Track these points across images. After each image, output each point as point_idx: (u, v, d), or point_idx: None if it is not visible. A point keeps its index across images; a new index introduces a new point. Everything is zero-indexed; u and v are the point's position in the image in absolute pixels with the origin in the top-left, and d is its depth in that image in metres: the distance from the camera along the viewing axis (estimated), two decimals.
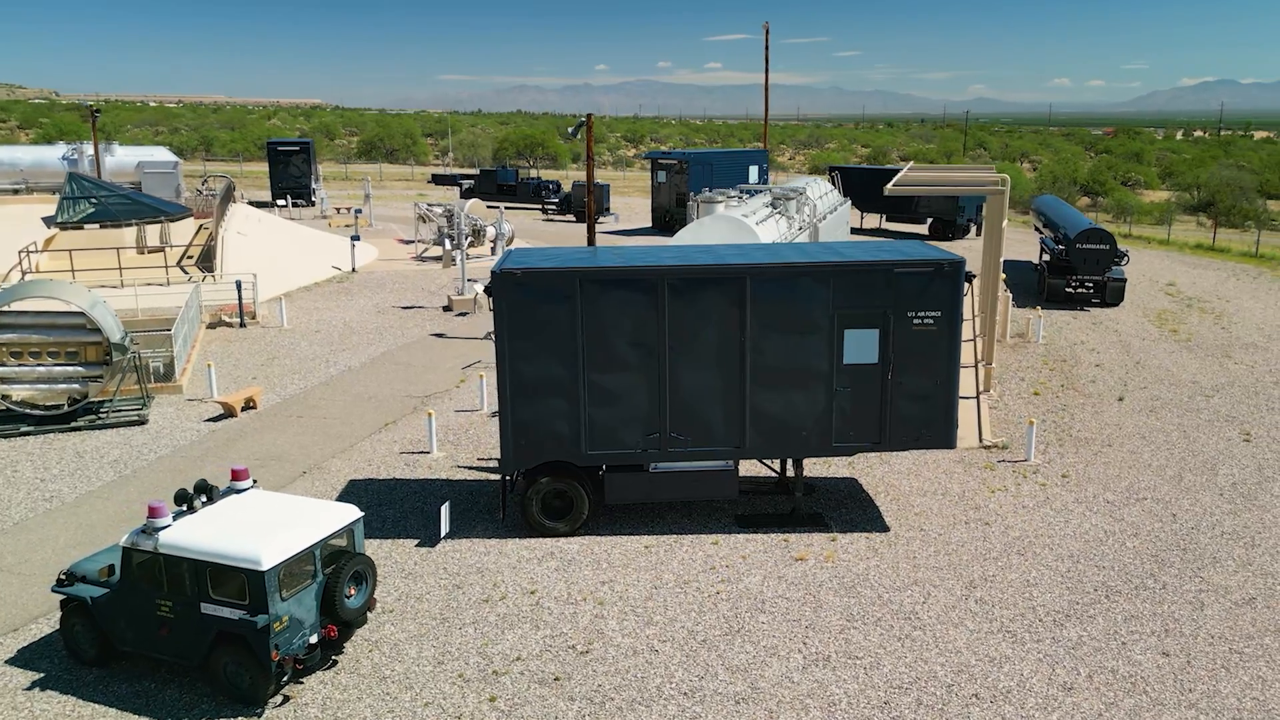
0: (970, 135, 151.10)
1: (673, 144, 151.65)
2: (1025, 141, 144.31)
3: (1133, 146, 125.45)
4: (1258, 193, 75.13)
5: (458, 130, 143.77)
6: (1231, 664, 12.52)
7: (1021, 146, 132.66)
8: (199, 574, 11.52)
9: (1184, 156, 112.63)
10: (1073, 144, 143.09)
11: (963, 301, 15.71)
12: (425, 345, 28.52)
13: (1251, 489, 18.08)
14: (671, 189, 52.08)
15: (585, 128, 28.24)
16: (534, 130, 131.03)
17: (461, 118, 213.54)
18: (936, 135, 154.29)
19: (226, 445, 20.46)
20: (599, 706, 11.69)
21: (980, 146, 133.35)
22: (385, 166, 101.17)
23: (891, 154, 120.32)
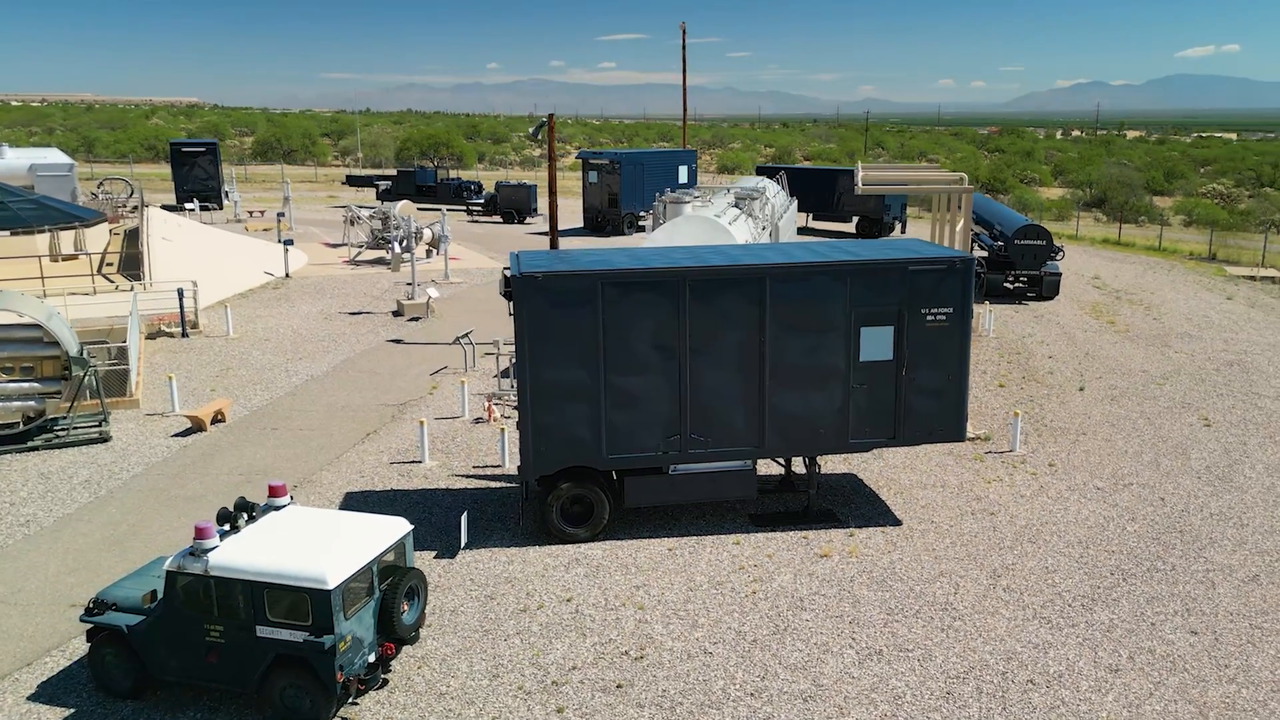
0: (868, 135, 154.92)
1: (577, 144, 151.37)
2: (919, 141, 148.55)
3: (1022, 145, 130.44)
4: (1145, 189, 79.15)
5: (355, 130, 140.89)
6: (1256, 639, 13.18)
7: (918, 145, 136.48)
8: (255, 595, 11.07)
9: (1070, 155, 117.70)
10: (963, 143, 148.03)
11: (972, 298, 16.13)
12: (386, 352, 27.89)
13: (1225, 471, 19.03)
14: (603, 189, 52.02)
15: (546, 127, 28.01)
16: (436, 130, 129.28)
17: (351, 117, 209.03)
18: (835, 135, 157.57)
19: (204, 461, 19.65)
20: (669, 712, 11.65)
21: (879, 146, 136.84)
22: (286, 168, 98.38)
23: (795, 153, 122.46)
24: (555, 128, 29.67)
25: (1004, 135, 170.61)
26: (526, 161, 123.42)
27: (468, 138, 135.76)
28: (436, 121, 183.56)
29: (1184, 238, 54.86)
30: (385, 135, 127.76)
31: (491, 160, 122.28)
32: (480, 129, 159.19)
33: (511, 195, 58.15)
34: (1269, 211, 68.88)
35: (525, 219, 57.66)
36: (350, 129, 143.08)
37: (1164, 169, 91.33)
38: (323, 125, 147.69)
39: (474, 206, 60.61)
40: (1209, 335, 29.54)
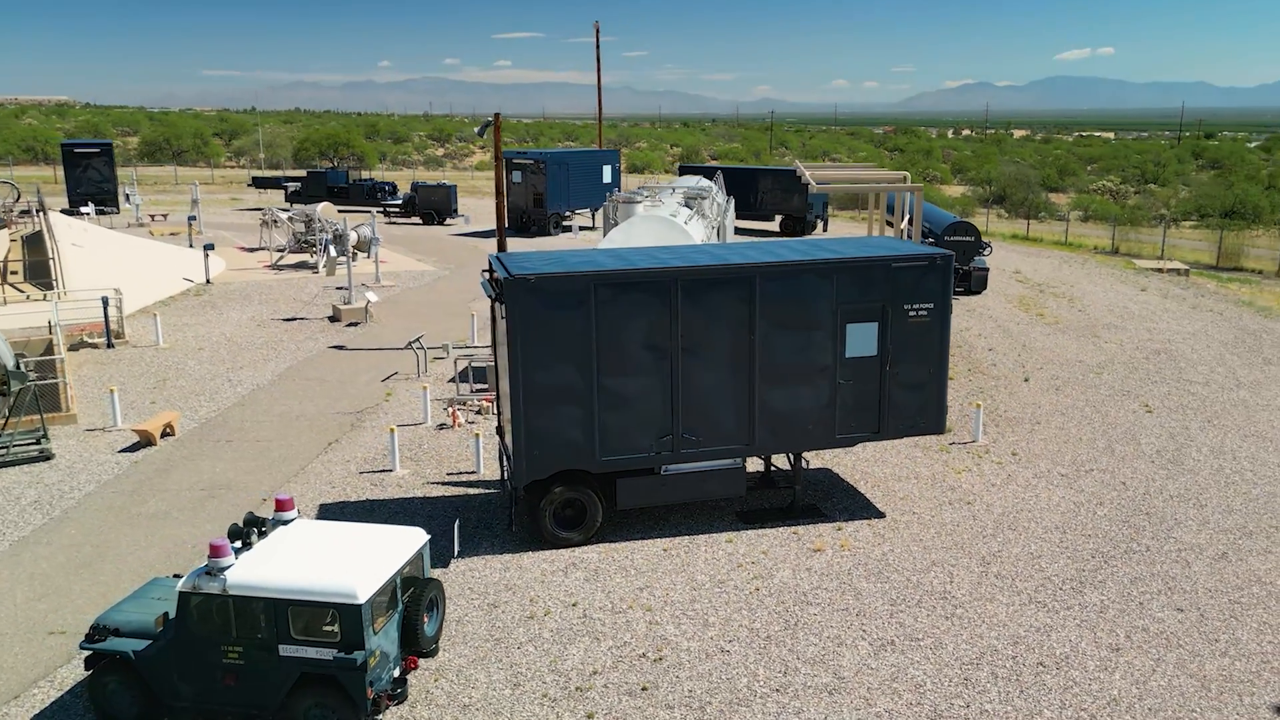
0: (768, 134, 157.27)
1: (480, 143, 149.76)
2: (820, 140, 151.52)
3: (920, 144, 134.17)
4: (1041, 186, 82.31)
5: (249, 130, 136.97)
6: (1238, 613, 13.85)
7: (819, 145, 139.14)
8: (277, 614, 10.68)
9: (966, 153, 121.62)
10: (861, 142, 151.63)
11: (951, 293, 16.55)
12: (329, 359, 27.18)
13: (1174, 455, 19.94)
14: (528, 189, 51.62)
15: (492, 127, 27.68)
16: (335, 130, 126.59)
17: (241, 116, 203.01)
18: (737, 135, 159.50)
19: (160, 477, 18.86)
20: (700, 712, 11.66)
21: (783, 145, 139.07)
22: (180, 170, 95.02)
23: (701, 152, 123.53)
24: (454, 128, 29.30)
25: (899, 134, 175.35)
26: (430, 161, 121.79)
27: (368, 137, 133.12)
28: (329, 121, 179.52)
29: (1086, 232, 57.21)
30: (281, 135, 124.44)
31: (394, 160, 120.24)
32: (379, 128, 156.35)
33: (430, 196, 57.24)
34: (1155, 207, 72.39)
35: (445, 220, 56.85)
36: (243, 129, 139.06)
37: (1057, 167, 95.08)
38: (210, 125, 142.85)
39: (391, 208, 59.47)
40: (1132, 326, 30.88)
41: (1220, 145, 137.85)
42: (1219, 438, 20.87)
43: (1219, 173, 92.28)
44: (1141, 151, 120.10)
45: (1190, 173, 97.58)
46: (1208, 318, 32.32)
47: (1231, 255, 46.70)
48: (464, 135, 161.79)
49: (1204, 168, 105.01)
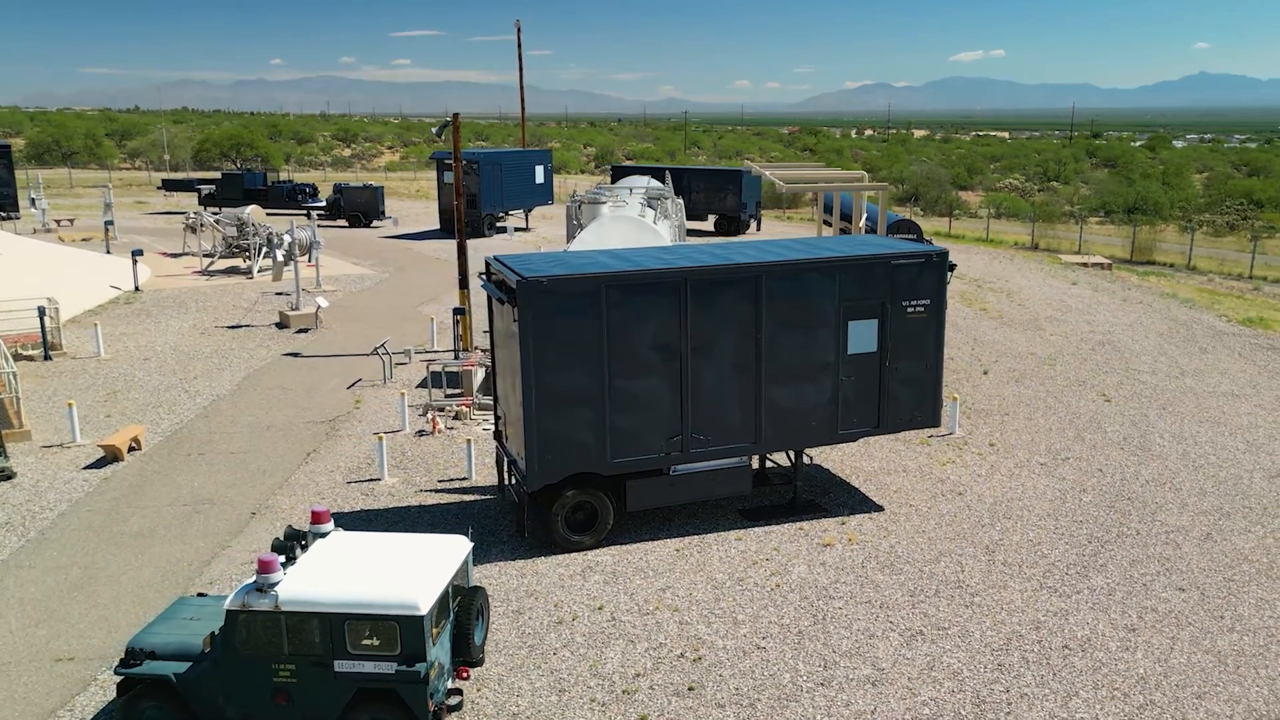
0: (677, 134, 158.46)
1: (389, 143, 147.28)
2: (731, 140, 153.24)
3: (831, 144, 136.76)
4: (951, 184, 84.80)
5: (142, 130, 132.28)
6: (1234, 590, 14.55)
7: (732, 145, 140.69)
8: (333, 628, 10.40)
9: (873, 153, 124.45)
10: (770, 142, 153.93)
11: (946, 289, 16.98)
12: (287, 367, 26.45)
13: (1140, 441, 20.80)
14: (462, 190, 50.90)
15: (451, 127, 27.29)
16: (237, 130, 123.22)
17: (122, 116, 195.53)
18: (650, 134, 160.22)
19: (136, 494, 18.12)
20: (751, 709, 11.74)
21: (695, 145, 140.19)
22: (75, 172, 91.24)
23: (616, 153, 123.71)
24: (359, 128, 28.89)
25: (805, 134, 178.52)
26: (338, 162, 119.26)
27: (270, 138, 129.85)
28: (221, 120, 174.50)
29: (1004, 229, 59.12)
30: (178, 135, 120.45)
31: (299, 161, 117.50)
32: (280, 128, 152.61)
33: (357, 198, 56.14)
34: (1059, 204, 75.24)
35: (372, 223, 55.80)
36: (137, 129, 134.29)
37: (965, 165, 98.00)
38: (97, 125, 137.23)
39: (314, 210, 58.02)
40: (1072, 319, 32.07)
41: (1110, 144, 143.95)
42: (1177, 424, 21.85)
43: (1116, 171, 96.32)
44: (1039, 151, 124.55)
45: (1087, 171, 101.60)
46: (1139, 309, 33.77)
47: (1144, 250, 48.85)
48: (370, 135, 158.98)
49: (1097, 166, 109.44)
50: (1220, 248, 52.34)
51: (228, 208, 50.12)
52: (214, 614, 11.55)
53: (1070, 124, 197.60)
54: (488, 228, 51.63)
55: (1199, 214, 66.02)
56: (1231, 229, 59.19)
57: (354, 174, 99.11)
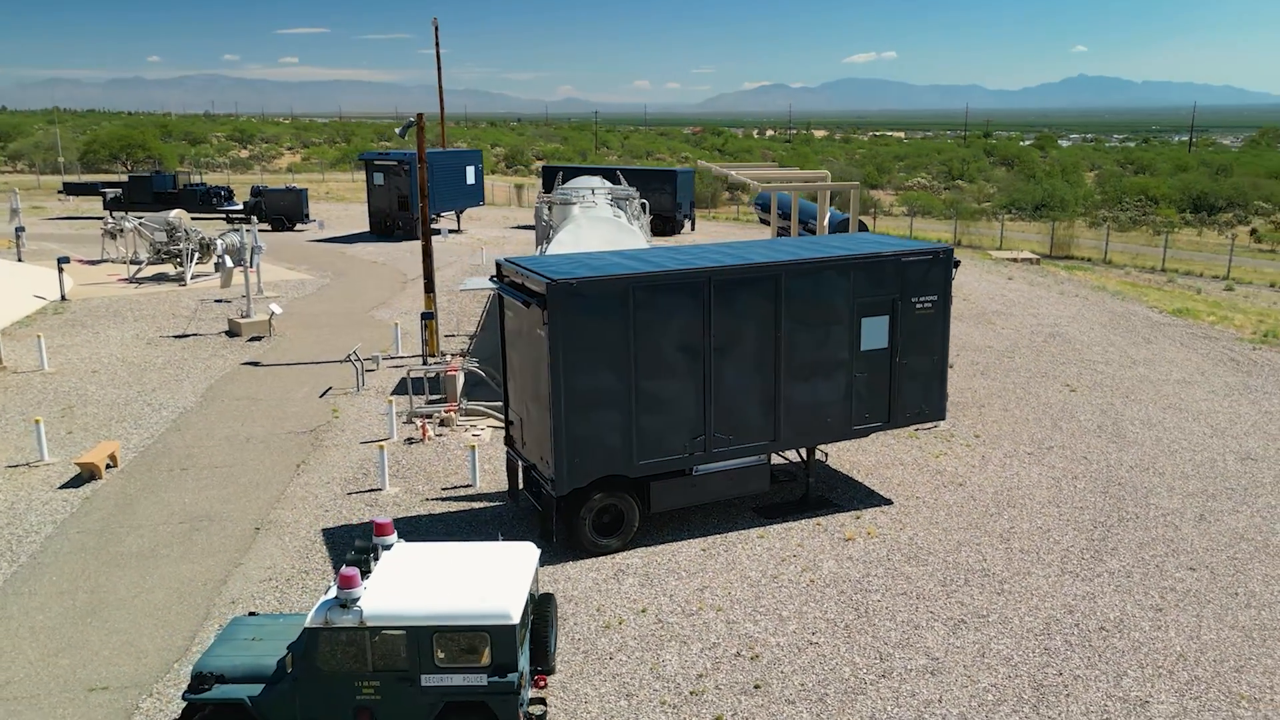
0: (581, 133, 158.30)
1: (287, 143, 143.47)
2: (639, 140, 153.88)
3: (740, 144, 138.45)
4: (863, 184, 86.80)
5: (24, 132, 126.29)
6: (1240, 568, 15.30)
7: (640, 144, 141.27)
8: (420, 642, 10.16)
9: (781, 153, 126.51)
10: (677, 142, 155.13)
11: (951, 285, 17.42)
12: (250, 376, 25.60)
13: (1114, 428, 21.68)
14: (391, 191, 50.02)
15: (415, 128, 26.80)
16: (127, 131, 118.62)
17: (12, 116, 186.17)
18: (557, 134, 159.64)
19: (123, 513, 17.33)
20: (821, 704, 11.87)
21: (604, 145, 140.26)
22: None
23: (526, 152, 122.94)
24: (254, 128, 28.31)
25: (708, 134, 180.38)
26: (237, 164, 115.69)
27: (162, 138, 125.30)
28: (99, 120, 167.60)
29: (924, 227, 60.75)
30: (60, 137, 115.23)
31: (194, 162, 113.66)
32: (170, 129, 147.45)
33: (279, 201, 54.54)
34: (967, 201, 77.76)
35: (296, 226, 54.32)
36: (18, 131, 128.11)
37: (874, 165, 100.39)
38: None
39: (233, 214, 56.23)
40: (1018, 312, 33.21)
41: (1004, 144, 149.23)
42: (1143, 411, 22.84)
43: (1014, 169, 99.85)
44: (939, 150, 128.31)
45: (988, 169, 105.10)
46: (1077, 302, 35.16)
47: (1062, 245, 50.83)
48: (267, 136, 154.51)
49: (996, 165, 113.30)
50: (1128, 242, 54.75)
51: (143, 212, 48.20)
52: (276, 633, 11.17)
53: (965, 124, 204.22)
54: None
55: (1099, 210, 69.04)
56: (1135, 224, 62.04)
57: (255, 176, 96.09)
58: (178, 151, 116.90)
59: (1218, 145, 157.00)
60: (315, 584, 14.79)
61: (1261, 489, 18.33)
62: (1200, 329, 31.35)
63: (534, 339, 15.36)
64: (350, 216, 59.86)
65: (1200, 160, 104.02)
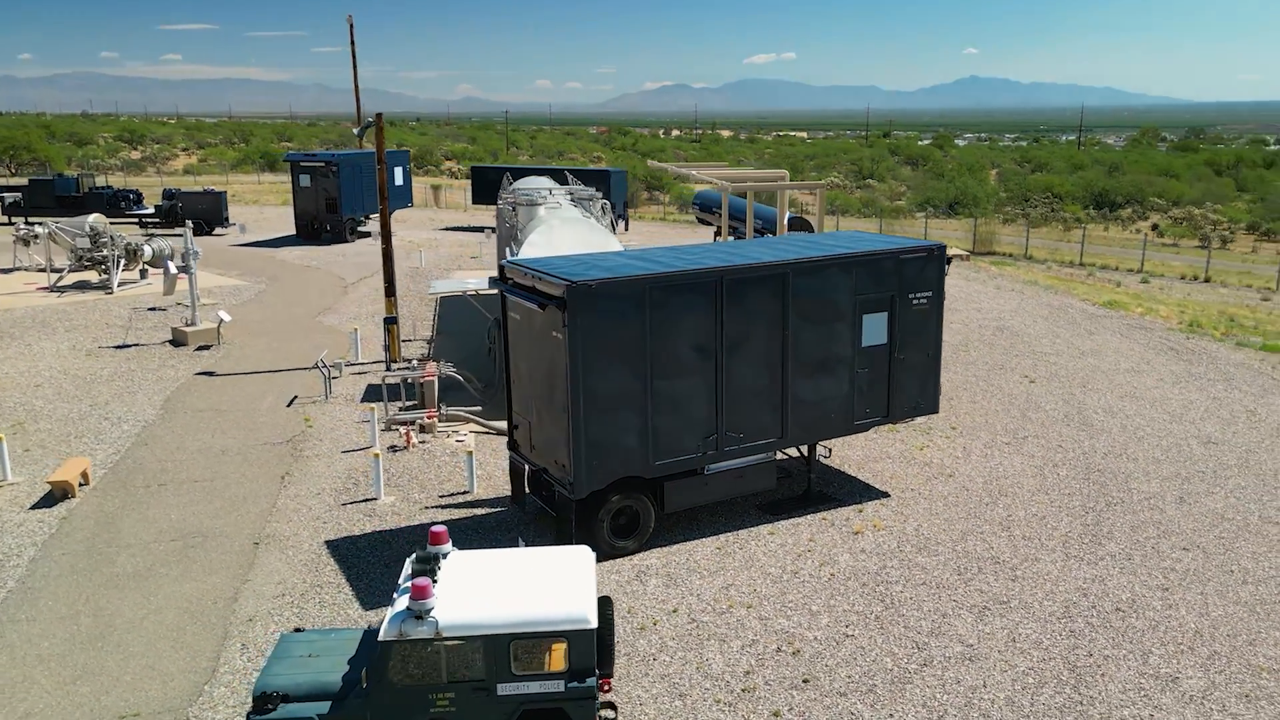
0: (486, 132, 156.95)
1: (181, 144, 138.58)
2: (547, 139, 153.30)
3: (652, 144, 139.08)
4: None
5: None
6: (1230, 546, 16.06)
7: (551, 144, 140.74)
8: (497, 650, 10.01)
9: (693, 153, 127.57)
10: (587, 142, 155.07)
11: (944, 281, 17.87)
12: (208, 387, 24.72)
13: (1080, 419, 22.51)
14: (319, 193, 48.79)
15: (375, 128, 26.23)
16: (6, 131, 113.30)
17: None
18: (464, 134, 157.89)
19: (107, 531, 16.58)
20: (873, 692, 12.08)
21: (514, 145, 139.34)
22: None
23: (435, 153, 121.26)
24: (143, 128, 27.66)
25: (614, 134, 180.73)
26: (129, 165, 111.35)
27: (49, 140, 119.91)
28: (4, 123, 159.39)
29: (851, 225, 61.97)
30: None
31: (82, 164, 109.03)
32: (55, 130, 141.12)
33: (197, 204, 52.70)
34: (879, 200, 79.69)
35: (215, 230, 52.59)
36: None
37: (788, 164, 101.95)
38: None
39: (146, 220, 54.13)
40: (962, 307, 34.17)
41: (905, 143, 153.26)
42: (1103, 400, 23.78)
43: (919, 169, 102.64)
44: (845, 150, 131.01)
45: (896, 169, 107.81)
46: (1014, 296, 36.38)
47: (984, 242, 52.50)
48: (158, 136, 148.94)
49: (901, 164, 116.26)
50: (1042, 238, 56.90)
51: (45, 217, 46.08)
52: (331, 648, 10.88)
53: (866, 124, 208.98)
54: (349, 232, 49.68)
55: (1006, 207, 71.52)
56: (1046, 221, 64.45)
57: (150, 179, 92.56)
58: (64, 153, 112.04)
59: (1104, 144, 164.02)
60: (331, 598, 14.40)
61: (1229, 471, 19.28)
62: (1132, 320, 32.78)
63: (547, 342, 15.23)
64: (269, 219, 58.25)
65: (1093, 159, 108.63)
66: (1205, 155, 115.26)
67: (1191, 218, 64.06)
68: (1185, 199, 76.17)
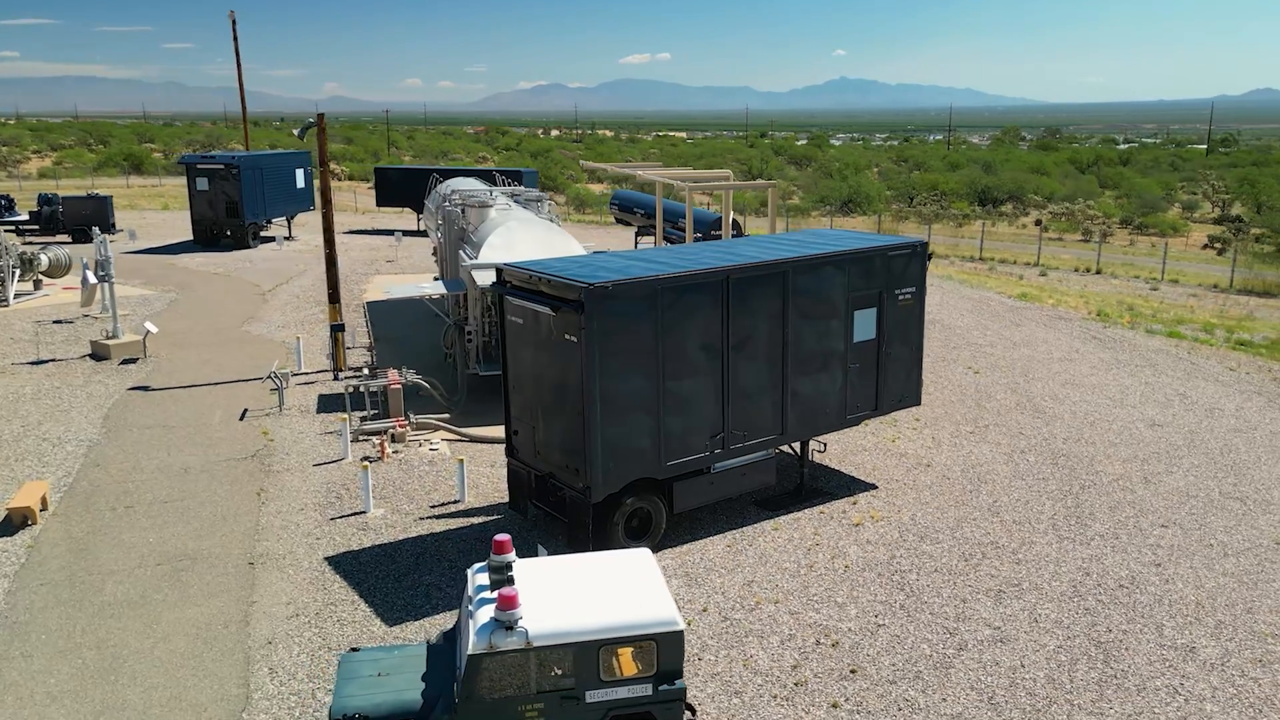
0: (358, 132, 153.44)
1: (34, 146, 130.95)
2: (428, 140, 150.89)
3: (536, 144, 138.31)
4: None
5: None
6: (1204, 522, 17.03)
7: (431, 144, 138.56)
8: (588, 657, 9.88)
9: (580, 152, 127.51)
10: (466, 141, 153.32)
11: (926, 277, 18.39)
12: (147, 402, 23.50)
13: (1032, 406, 23.49)
14: (219, 197, 46.79)
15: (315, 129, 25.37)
16: None
17: None
18: (339, 134, 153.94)
19: (82, 558, 15.63)
20: (920, 679, 12.37)
21: (394, 146, 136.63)
22: None
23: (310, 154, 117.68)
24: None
25: (493, 133, 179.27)
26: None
27: None
28: None
29: (759, 225, 62.99)
30: None
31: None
32: None
33: (80, 209, 49.88)
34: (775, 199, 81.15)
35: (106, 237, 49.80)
36: None
37: (681, 165, 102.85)
38: None
39: (24, 227, 50.92)
40: None
41: (781, 142, 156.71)
42: (1047, 388, 24.87)
43: (816, 167, 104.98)
44: (729, 150, 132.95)
45: (782, 167, 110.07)
46: (936, 291, 37.57)
47: None
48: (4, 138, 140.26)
49: (785, 163, 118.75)
50: (936, 234, 59.01)
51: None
52: (399, 665, 10.56)
53: (745, 124, 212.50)
54: (252, 237, 47.85)
55: (895, 205, 73.98)
56: (937, 217, 66.87)
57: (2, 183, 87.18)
58: None
59: (970, 144, 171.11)
60: (348, 615, 13.92)
61: (1179, 451, 20.45)
62: (1049, 311, 34.37)
63: (557, 345, 15.05)
64: (156, 225, 55.61)
65: (967, 158, 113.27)
66: (1067, 154, 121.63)
67: (1071, 213, 67.52)
68: (1058, 195, 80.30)
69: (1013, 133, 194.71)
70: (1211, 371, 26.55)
